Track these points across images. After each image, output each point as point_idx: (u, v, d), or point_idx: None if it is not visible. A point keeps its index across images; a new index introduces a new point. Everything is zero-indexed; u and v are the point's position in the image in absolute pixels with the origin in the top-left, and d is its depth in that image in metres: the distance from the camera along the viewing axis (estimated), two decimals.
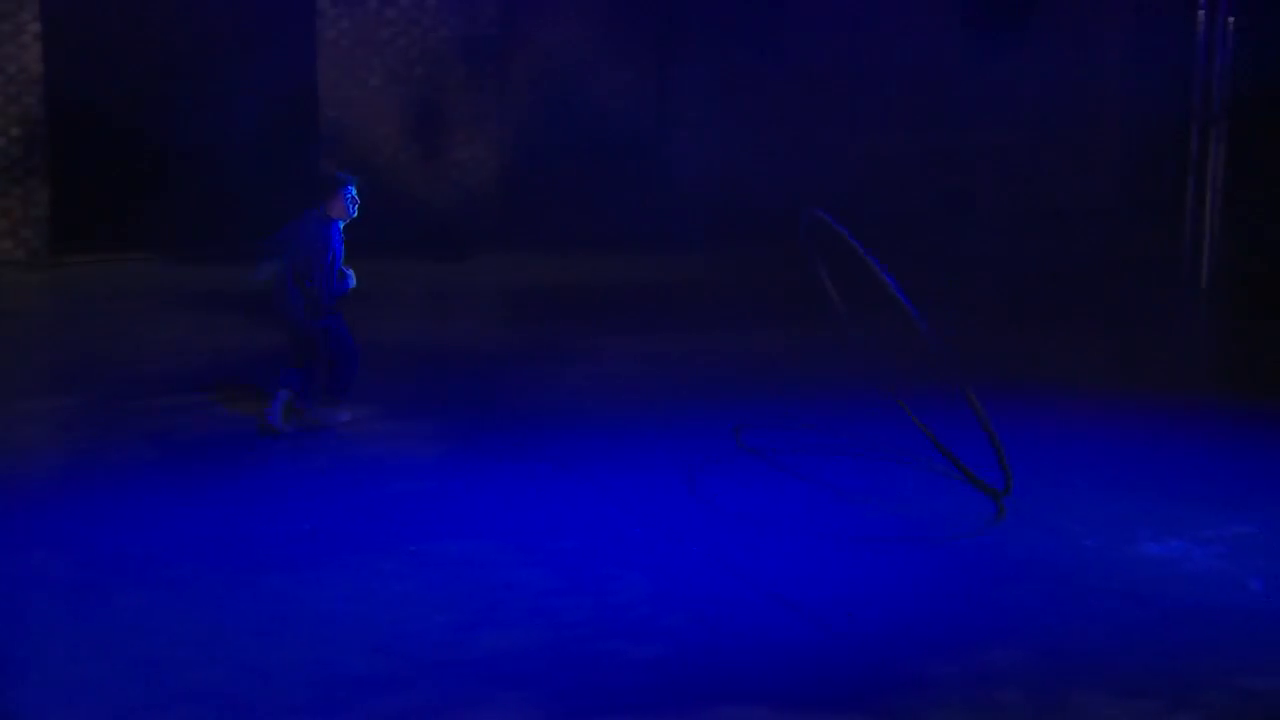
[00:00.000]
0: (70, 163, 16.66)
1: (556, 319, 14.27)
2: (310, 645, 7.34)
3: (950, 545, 8.66)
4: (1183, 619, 7.73)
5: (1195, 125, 15.46)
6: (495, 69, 18.13)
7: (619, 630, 7.53)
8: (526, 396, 11.67)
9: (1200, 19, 15.29)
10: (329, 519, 9.01)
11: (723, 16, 18.59)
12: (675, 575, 8.23)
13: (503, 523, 8.99)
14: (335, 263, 10.47)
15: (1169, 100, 16.36)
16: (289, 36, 17.32)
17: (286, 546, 8.56)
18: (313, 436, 10.59)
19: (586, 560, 8.40)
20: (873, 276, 9.31)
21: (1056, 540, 8.72)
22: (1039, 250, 17.05)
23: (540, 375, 12.25)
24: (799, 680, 7.06)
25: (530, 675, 7.07)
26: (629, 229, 17.63)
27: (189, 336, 13.40)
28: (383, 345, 12.60)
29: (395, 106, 17.86)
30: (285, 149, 16.99)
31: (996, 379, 11.81)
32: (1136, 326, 14.05)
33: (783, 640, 7.45)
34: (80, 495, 9.41)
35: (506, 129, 18.32)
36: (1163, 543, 8.70)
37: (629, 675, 7.09)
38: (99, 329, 13.74)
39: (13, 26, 16.12)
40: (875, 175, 18.75)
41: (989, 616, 7.77)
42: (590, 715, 6.74)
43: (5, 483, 9.57)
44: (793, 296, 14.73)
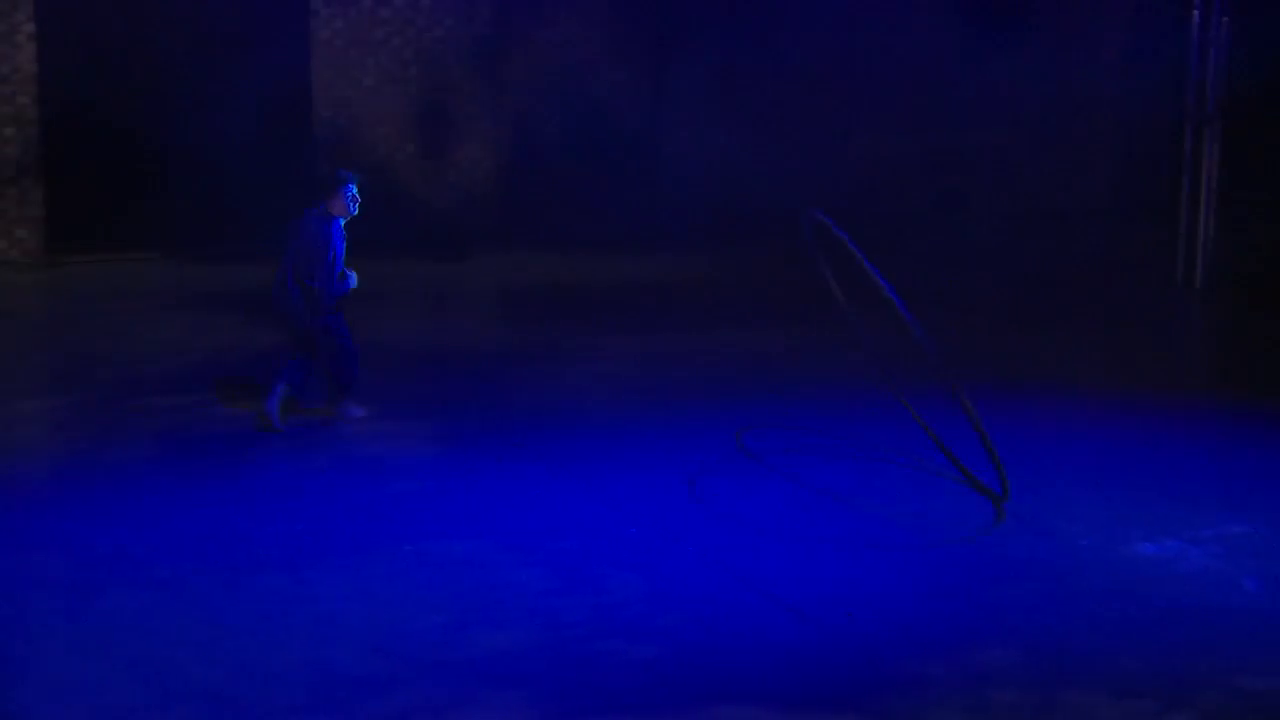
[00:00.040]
0: (65, 163, 16.64)
1: (554, 318, 14.28)
2: (307, 645, 7.34)
3: (947, 547, 8.67)
4: (1178, 619, 7.74)
5: (1190, 125, 15.49)
6: (491, 69, 18.14)
7: (616, 630, 7.54)
8: (524, 396, 11.67)
9: (1195, 19, 15.31)
10: (327, 519, 9.02)
11: (720, 16, 18.61)
12: (672, 575, 8.23)
13: (500, 523, 8.99)
14: (337, 261, 10.49)
15: (1164, 100, 16.38)
16: (283, 36, 17.32)
17: (284, 546, 8.56)
18: (311, 436, 10.59)
19: (584, 560, 8.41)
20: (870, 279, 9.32)
21: (1052, 540, 8.73)
22: (1034, 250, 17.07)
23: (538, 375, 12.26)
24: (796, 680, 7.08)
25: (527, 675, 7.08)
26: (626, 228, 17.65)
27: (186, 336, 13.40)
28: (381, 345, 12.61)
29: (390, 106, 17.86)
30: (280, 149, 16.99)
31: (991, 379, 11.83)
32: (1131, 326, 14.07)
33: (779, 640, 7.46)
34: (78, 495, 9.41)
35: (503, 129, 18.33)
36: (1158, 543, 8.71)
37: (626, 675, 7.10)
38: (95, 329, 13.74)
39: (7, 26, 16.12)
40: (872, 175, 18.78)
41: (985, 616, 7.78)
42: (587, 715, 6.75)
43: (3, 483, 9.57)
44: (791, 296, 14.75)
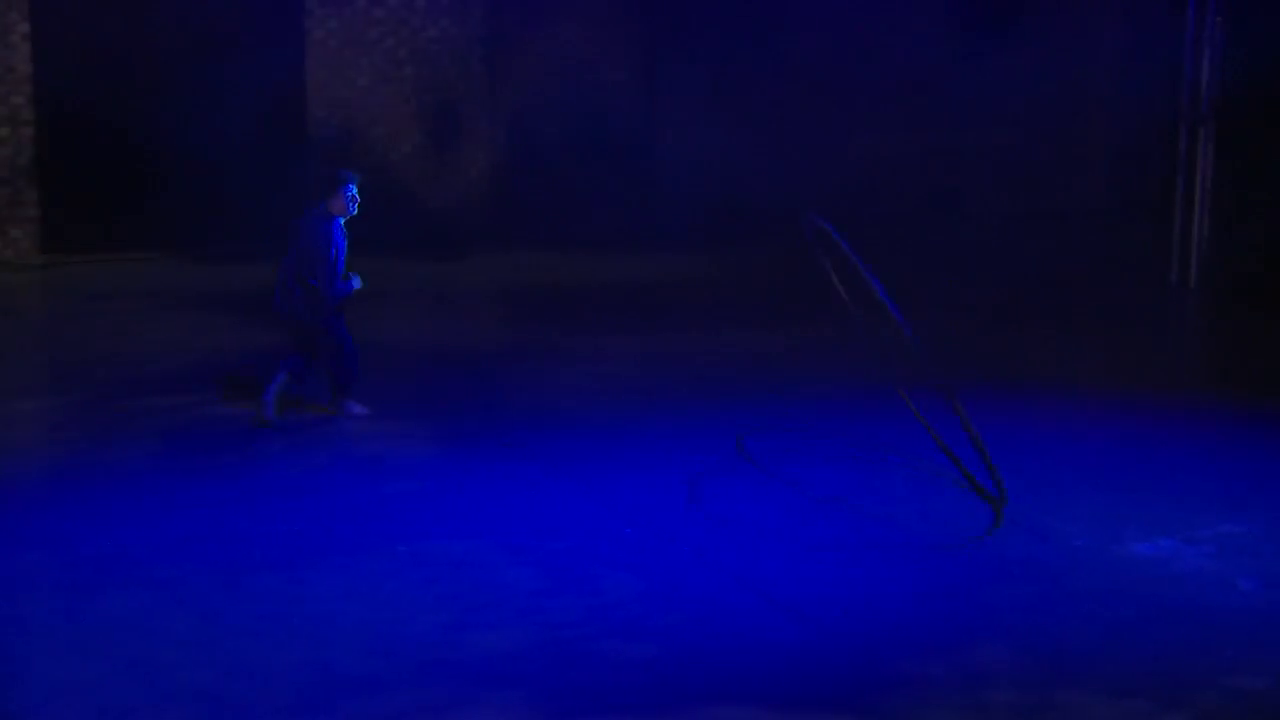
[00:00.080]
0: (60, 163, 16.63)
1: (549, 318, 14.27)
2: (304, 645, 7.34)
3: (943, 547, 8.68)
4: (1173, 619, 7.75)
5: (1184, 125, 15.50)
6: (485, 69, 18.13)
7: (612, 630, 7.54)
8: (522, 396, 11.66)
9: (1189, 19, 15.33)
10: (325, 519, 9.01)
11: (715, 16, 18.61)
12: (668, 576, 8.23)
13: (497, 523, 8.99)
14: (339, 260, 10.54)
15: (1158, 100, 16.38)
16: (278, 36, 17.31)
17: (282, 546, 8.56)
18: (310, 435, 10.59)
19: (580, 560, 8.41)
20: (865, 282, 9.33)
21: (1048, 540, 8.73)
22: (1029, 249, 17.08)
23: (534, 375, 12.26)
24: (792, 680, 7.08)
25: (522, 675, 7.08)
26: (623, 228, 17.65)
27: (182, 336, 13.39)
28: (378, 344, 12.59)
29: (385, 107, 17.85)
30: (275, 149, 16.98)
31: (986, 378, 11.84)
32: (1125, 326, 14.08)
33: (774, 640, 7.46)
34: (74, 495, 9.40)
35: (498, 129, 18.32)
36: (1153, 542, 8.71)
37: (622, 675, 7.10)
38: (91, 329, 13.72)
39: (1, 26, 16.10)
40: (867, 174, 18.78)
41: (980, 616, 7.78)
42: (583, 715, 6.75)
43: (1, 482, 9.56)
44: (789, 296, 14.76)
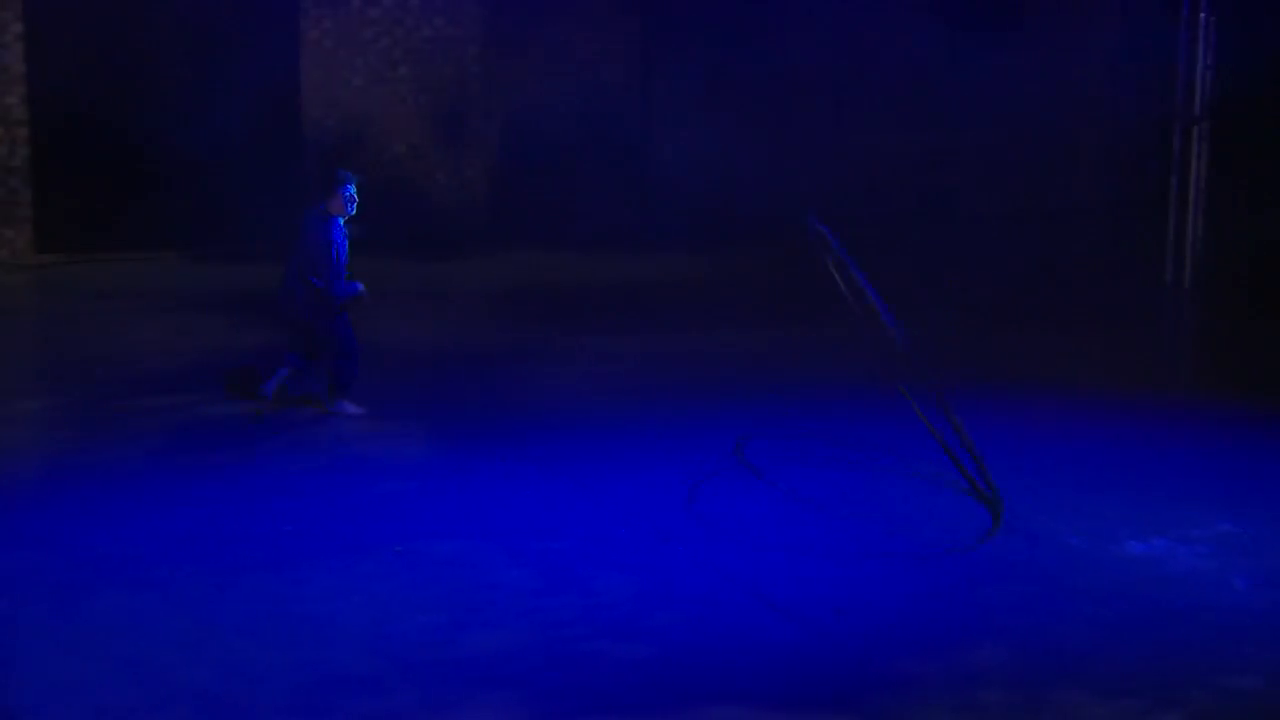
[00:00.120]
0: (53, 163, 16.61)
1: (546, 318, 14.26)
2: (297, 645, 7.33)
3: (939, 549, 8.68)
4: (1166, 618, 7.76)
5: (1178, 125, 15.51)
6: (481, 69, 18.12)
7: (607, 631, 7.54)
8: (515, 397, 11.66)
9: (1183, 20, 15.34)
10: (319, 518, 9.01)
11: (709, 16, 18.60)
12: (663, 576, 8.23)
13: (492, 523, 8.99)
14: (341, 260, 10.63)
15: (1152, 101, 16.40)
16: (272, 36, 17.30)
17: (277, 546, 8.55)
18: (305, 435, 10.59)
19: (574, 560, 8.41)
20: (860, 284, 9.33)
21: (1042, 539, 8.74)
22: (1023, 249, 17.08)
23: (530, 375, 12.25)
24: (785, 680, 7.08)
25: (517, 675, 7.08)
26: (618, 228, 17.64)
27: (176, 336, 13.38)
28: (375, 344, 12.57)
29: (379, 106, 17.84)
30: (269, 149, 16.96)
31: (981, 378, 11.84)
32: (1120, 326, 14.08)
33: (769, 640, 7.46)
34: (68, 495, 9.39)
35: (493, 129, 18.32)
36: (1147, 542, 8.72)
37: (617, 675, 7.10)
38: (85, 329, 13.71)
39: None
40: (861, 175, 18.78)
41: (974, 616, 7.79)
42: (578, 715, 6.75)
43: None
44: (786, 295, 14.75)
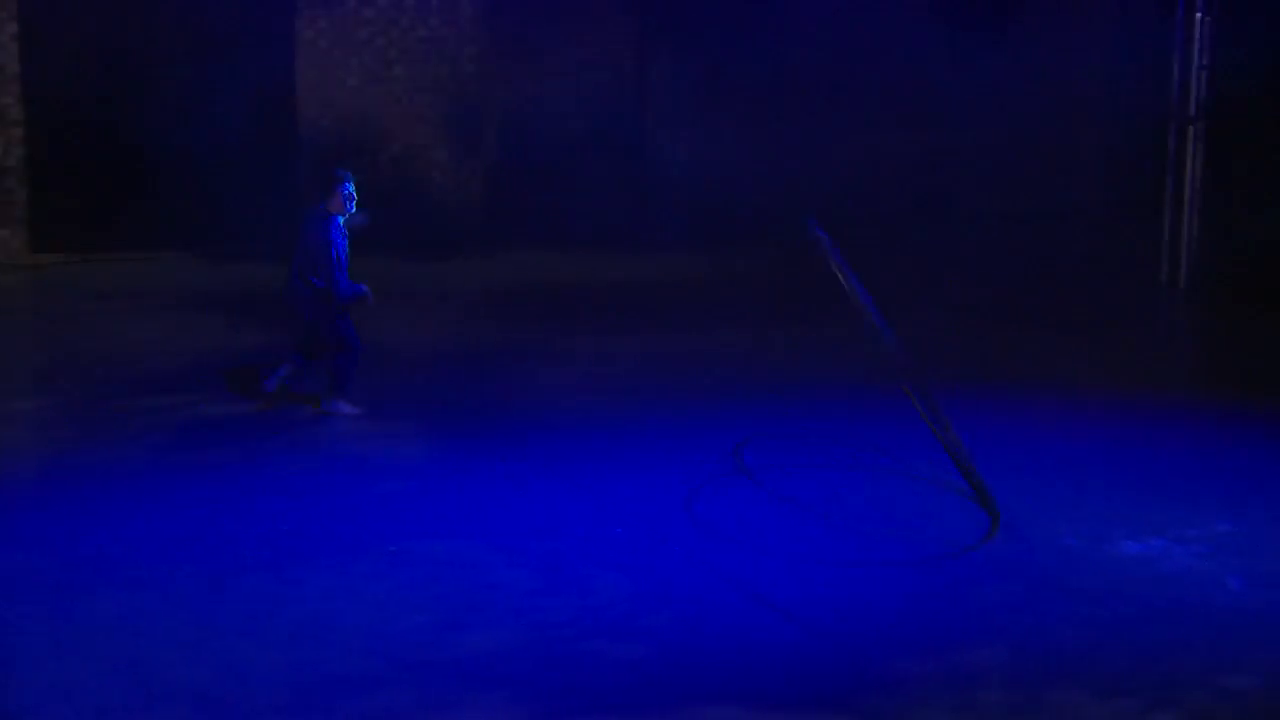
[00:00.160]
0: (49, 163, 16.59)
1: (543, 319, 14.25)
2: (294, 645, 7.33)
3: (935, 553, 8.68)
4: (1163, 618, 7.76)
5: (1174, 126, 15.51)
6: (476, 69, 18.12)
7: (602, 631, 7.53)
8: (513, 397, 11.65)
9: (1178, 20, 15.34)
10: (315, 519, 9.00)
11: (707, 16, 18.60)
12: (659, 577, 8.23)
13: (487, 523, 8.98)
14: (341, 258, 10.75)
15: (1147, 101, 16.40)
16: (267, 36, 17.29)
17: (271, 546, 8.54)
18: (301, 435, 10.59)
19: (570, 561, 8.40)
20: (855, 286, 9.33)
21: (1038, 540, 8.74)
22: (1019, 250, 17.09)
23: (526, 375, 12.23)
24: (782, 680, 7.08)
25: (512, 675, 7.08)
26: (614, 229, 17.62)
27: (171, 336, 13.36)
28: (372, 345, 12.53)
29: (375, 107, 17.83)
30: (264, 149, 16.95)
31: (977, 378, 11.84)
32: (1116, 326, 14.08)
33: (764, 641, 7.46)
34: (66, 495, 9.38)
35: (489, 129, 18.31)
36: (1143, 542, 8.72)
37: (612, 675, 7.10)
38: (80, 329, 13.69)
39: None
40: (858, 175, 18.78)
41: (969, 616, 7.78)
42: (573, 715, 6.74)
43: None
44: (784, 296, 14.74)
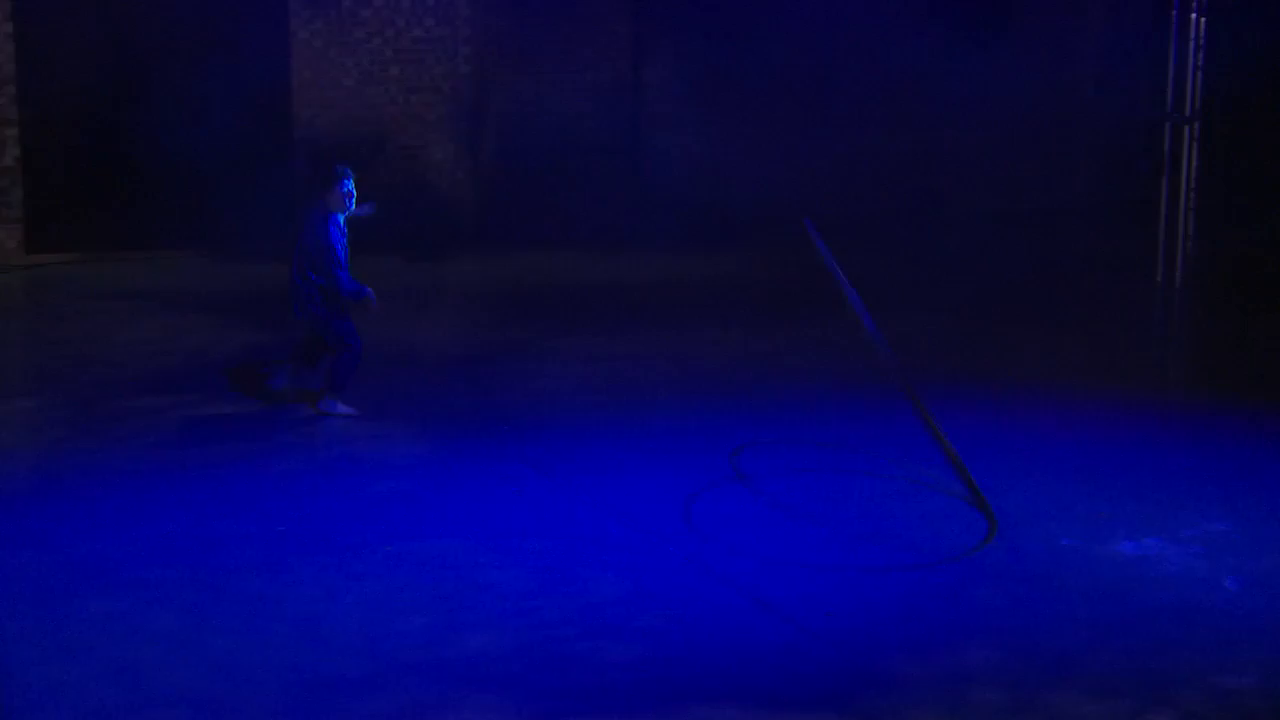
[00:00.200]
0: (44, 163, 16.57)
1: (537, 319, 14.23)
2: (289, 646, 7.32)
3: (932, 559, 8.67)
4: (1158, 618, 7.76)
5: (1169, 126, 15.52)
6: (472, 69, 18.11)
7: (598, 631, 7.53)
8: (509, 397, 11.63)
9: (1173, 19, 15.34)
10: (310, 519, 8.99)
11: (701, 17, 18.59)
12: (655, 577, 8.22)
13: (482, 523, 8.97)
14: (340, 256, 10.79)
15: (1143, 101, 16.40)
16: (262, 36, 17.26)
17: (267, 547, 8.53)
18: (296, 435, 10.58)
19: (566, 561, 8.40)
20: (848, 286, 9.35)
21: (1033, 539, 8.74)
22: (1013, 250, 17.07)
23: (522, 375, 12.22)
24: (776, 680, 7.07)
25: (508, 676, 7.07)
26: (609, 229, 17.61)
27: (166, 336, 13.34)
28: (367, 345, 12.53)
29: (370, 107, 17.82)
30: (260, 149, 16.93)
31: (972, 378, 11.84)
32: (1111, 326, 14.08)
33: (760, 641, 7.46)
34: (59, 496, 9.36)
35: (482, 129, 18.30)
36: (1139, 542, 8.72)
37: (608, 675, 7.09)
38: (76, 330, 13.67)
39: None
40: (851, 176, 18.77)
41: (965, 616, 7.79)
42: (569, 715, 6.74)
43: None
44: (779, 296, 14.72)
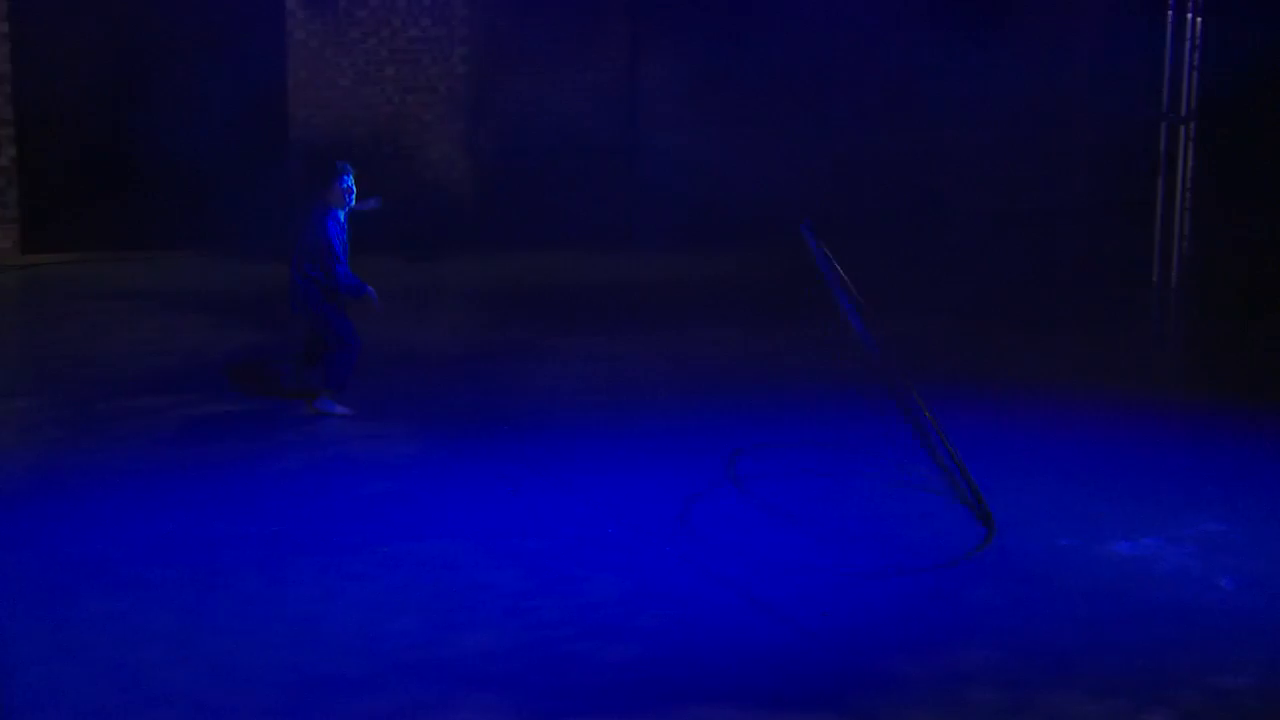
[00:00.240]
0: (40, 163, 16.55)
1: (533, 319, 14.22)
2: (286, 647, 7.32)
3: (931, 562, 8.67)
4: (1155, 618, 7.77)
5: (1165, 125, 15.52)
6: (468, 69, 18.11)
7: (595, 630, 7.53)
8: (505, 398, 11.62)
9: (1169, 20, 15.34)
10: (306, 520, 8.98)
11: (694, 16, 18.59)
12: (652, 577, 8.22)
13: (480, 524, 8.97)
14: (339, 252, 10.80)
15: (1139, 101, 16.40)
16: (258, 36, 17.25)
17: (263, 547, 8.53)
18: (293, 436, 10.56)
19: (563, 562, 8.39)
20: (847, 287, 9.34)
21: (1031, 540, 8.74)
22: (1010, 251, 17.07)
23: (519, 376, 12.21)
24: (773, 680, 7.08)
25: (505, 675, 7.07)
26: (604, 229, 17.61)
27: (163, 336, 13.33)
28: (364, 345, 12.54)
29: (366, 107, 17.81)
30: (256, 150, 16.92)
31: (969, 379, 11.84)
32: (1108, 327, 14.07)
33: (757, 641, 7.46)
34: (52, 497, 9.35)
35: (479, 129, 18.30)
36: (1136, 542, 8.73)
37: (605, 675, 7.09)
38: (72, 330, 13.65)
39: None
40: (847, 175, 18.76)
41: (962, 616, 7.79)
42: (566, 715, 6.74)
43: None
44: (776, 296, 14.70)
